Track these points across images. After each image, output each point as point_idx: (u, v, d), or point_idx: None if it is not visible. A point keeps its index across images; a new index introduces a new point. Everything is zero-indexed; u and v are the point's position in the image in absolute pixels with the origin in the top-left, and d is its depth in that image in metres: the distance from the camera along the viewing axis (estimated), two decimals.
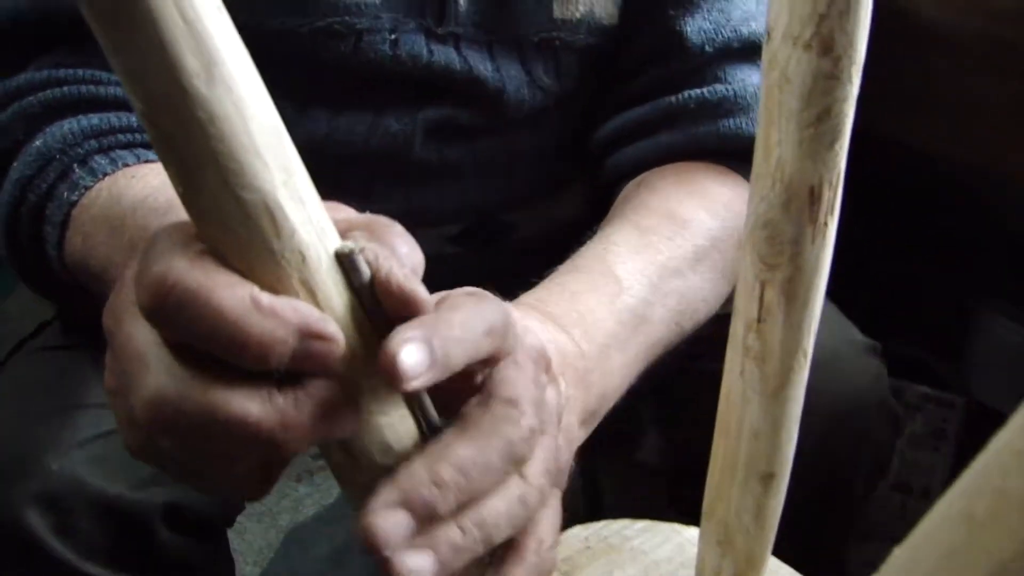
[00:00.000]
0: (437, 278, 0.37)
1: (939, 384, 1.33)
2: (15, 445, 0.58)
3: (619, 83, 0.71)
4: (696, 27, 0.68)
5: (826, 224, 0.39)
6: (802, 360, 0.41)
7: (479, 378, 0.38)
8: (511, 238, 0.74)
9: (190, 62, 0.27)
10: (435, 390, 0.34)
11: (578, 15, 0.67)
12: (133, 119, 0.58)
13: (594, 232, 0.63)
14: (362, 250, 0.32)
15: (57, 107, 0.58)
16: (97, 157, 0.56)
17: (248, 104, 0.29)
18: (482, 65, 0.66)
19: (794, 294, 0.39)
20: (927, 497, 1.34)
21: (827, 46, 0.35)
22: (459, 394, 0.37)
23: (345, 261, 0.32)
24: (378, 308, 0.33)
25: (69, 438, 0.59)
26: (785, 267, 0.39)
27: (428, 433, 0.35)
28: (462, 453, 0.34)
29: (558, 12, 0.66)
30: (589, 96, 0.72)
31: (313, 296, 0.31)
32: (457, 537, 0.34)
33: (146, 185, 0.52)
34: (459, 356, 0.34)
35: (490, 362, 0.38)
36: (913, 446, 1.33)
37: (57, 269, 0.57)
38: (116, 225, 0.50)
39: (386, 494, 0.33)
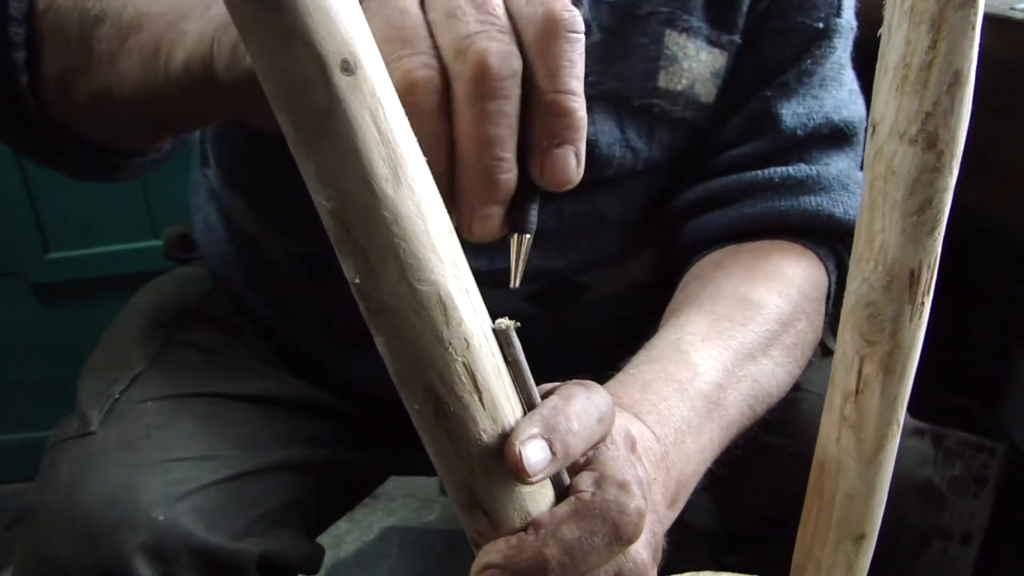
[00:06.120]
0: None
1: (980, 430, 1.34)
2: (123, 497, 0.61)
3: (707, 157, 0.73)
4: (790, 111, 0.70)
5: (923, 303, 0.41)
6: (895, 429, 0.44)
7: (582, 458, 0.40)
8: (584, 299, 0.76)
9: (381, 168, 0.30)
10: None
11: (679, 87, 0.69)
12: None
13: (663, 299, 0.64)
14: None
15: None
16: None
17: (426, 204, 0.31)
18: None
19: (892, 368, 0.42)
20: (967, 543, 1.35)
21: (931, 142, 0.38)
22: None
23: (502, 337, 0.35)
24: (527, 384, 0.35)
25: (173, 490, 0.62)
26: (884, 343, 0.41)
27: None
28: (569, 536, 0.36)
29: (663, 82, 0.68)
30: (675, 167, 0.74)
31: (473, 379, 0.33)
32: None
33: None
34: (578, 447, 0.37)
35: (597, 443, 0.40)
36: (954, 492, 1.34)
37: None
38: None
39: (493, 561, 0.36)
